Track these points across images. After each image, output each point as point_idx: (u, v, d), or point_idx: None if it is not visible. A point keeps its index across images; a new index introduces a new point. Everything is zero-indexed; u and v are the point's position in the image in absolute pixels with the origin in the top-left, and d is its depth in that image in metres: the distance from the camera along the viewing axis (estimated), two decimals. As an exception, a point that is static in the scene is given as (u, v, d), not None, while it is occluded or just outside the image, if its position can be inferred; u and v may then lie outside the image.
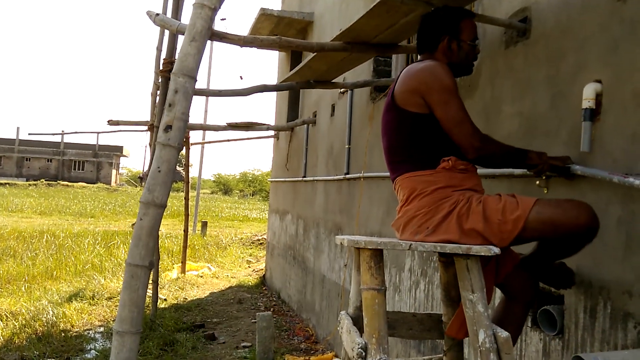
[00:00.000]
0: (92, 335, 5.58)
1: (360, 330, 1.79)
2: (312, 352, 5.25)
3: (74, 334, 5.57)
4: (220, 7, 1.68)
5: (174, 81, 1.62)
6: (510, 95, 2.66)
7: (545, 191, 2.35)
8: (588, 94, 2.09)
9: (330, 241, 5.59)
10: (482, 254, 1.70)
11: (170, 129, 1.60)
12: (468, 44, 2.01)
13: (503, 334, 1.71)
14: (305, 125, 6.77)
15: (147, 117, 7.01)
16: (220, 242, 13.06)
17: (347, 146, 5.09)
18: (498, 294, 2.15)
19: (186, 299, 7.41)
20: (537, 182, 2.38)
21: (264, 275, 9.19)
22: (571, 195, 2.20)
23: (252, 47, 3.03)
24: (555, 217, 1.70)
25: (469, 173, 1.89)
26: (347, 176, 5.03)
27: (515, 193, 1.87)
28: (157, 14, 3.08)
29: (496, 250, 1.70)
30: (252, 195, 62.46)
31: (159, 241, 8.75)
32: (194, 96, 1.71)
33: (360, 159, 4.74)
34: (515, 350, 2.44)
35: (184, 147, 8.75)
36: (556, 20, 2.38)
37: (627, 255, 1.88)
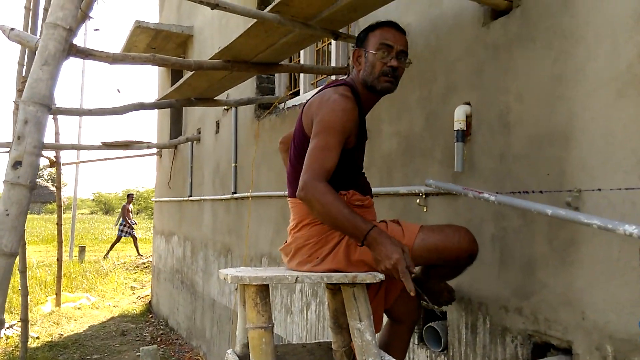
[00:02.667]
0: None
1: (249, 370, 1.69)
2: (203, 380, 5.02)
3: None
4: (77, 28, 1.51)
5: (23, 110, 1.42)
6: (388, 115, 2.72)
7: (425, 209, 2.42)
8: (459, 115, 2.18)
9: (219, 263, 5.40)
10: (368, 281, 1.68)
11: (19, 165, 1.39)
12: (372, 54, 1.82)
13: None
14: (190, 142, 6.52)
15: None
16: (100, 269, 12.19)
17: (233, 164, 4.97)
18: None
19: (62, 335, 6.77)
20: (417, 201, 2.44)
21: (150, 302, 8.69)
22: (448, 213, 2.28)
23: (123, 64, 2.83)
24: (439, 244, 1.73)
25: (365, 209, 1.85)
26: (235, 195, 4.90)
27: (399, 219, 1.88)
28: (12, 29, 2.77)
29: (381, 276, 1.68)
30: (136, 214, 59.54)
31: (29, 272, 7.97)
32: (65, 115, 1.51)
33: (248, 178, 4.64)
34: (404, 368, 2.47)
35: (55, 168, 8.05)
36: (426, 42, 2.47)
37: (502, 272, 1.97)
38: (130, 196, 16.00)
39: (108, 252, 14.78)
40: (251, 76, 4.08)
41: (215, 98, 4.21)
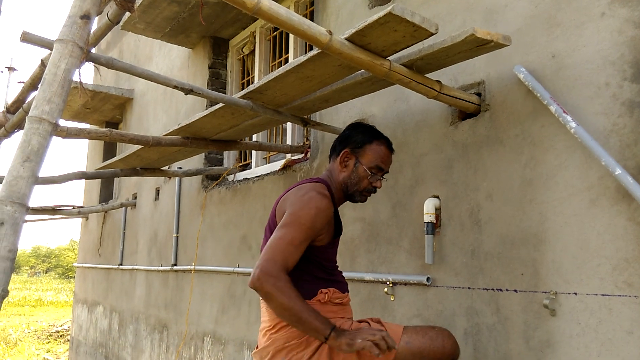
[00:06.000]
0: None
1: None
2: None
3: None
4: (59, 121, 1.43)
5: (-2, 209, 1.29)
6: (351, 199, 2.75)
7: (392, 298, 2.42)
8: (428, 208, 2.24)
9: (152, 339, 5.08)
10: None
11: (-11, 269, 1.26)
12: (364, 169, 1.86)
13: None
14: (124, 207, 6.24)
15: None
16: (8, 337, 11.11)
17: (175, 235, 4.78)
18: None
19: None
20: (385, 290, 2.44)
21: (65, 376, 7.98)
22: (417, 304, 2.29)
23: (77, 138, 2.71)
24: (424, 347, 1.72)
25: (344, 307, 1.84)
26: (175, 267, 4.69)
27: (380, 318, 1.86)
28: None
29: (367, 383, 1.64)
30: (46, 273, 55.89)
31: None
32: None
33: (191, 250, 4.47)
34: None
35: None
36: (392, 134, 2.53)
37: (476, 367, 1.99)
38: None
39: None
40: (206, 150, 4.03)
41: (162, 168, 4.11)
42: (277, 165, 3.64)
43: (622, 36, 1.67)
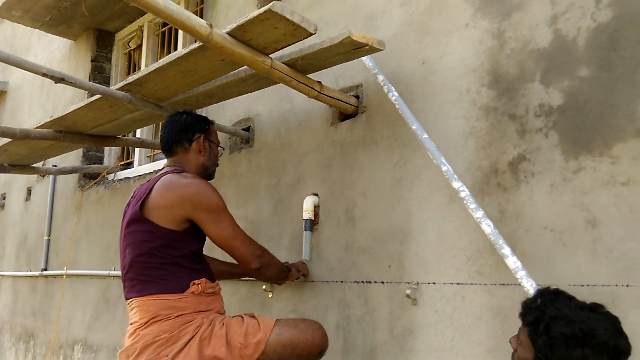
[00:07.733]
0: None
1: None
2: None
3: None
4: None
5: None
6: (235, 198, 2.74)
7: (270, 295, 2.44)
8: (307, 205, 2.29)
9: (17, 349, 4.66)
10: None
11: None
12: (216, 147, 2.08)
13: None
14: (-11, 208, 5.70)
15: None
16: None
17: (46, 237, 4.45)
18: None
19: None
20: (264, 287, 2.45)
21: None
22: (293, 299, 2.33)
23: None
24: (294, 339, 1.75)
25: (215, 296, 1.83)
26: (45, 272, 4.36)
27: (254, 312, 1.87)
28: None
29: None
30: None
31: None
32: None
33: (64, 254, 4.18)
34: None
35: None
36: (276, 134, 2.59)
37: (345, 359, 2.05)
38: None
39: None
40: (83, 146, 3.81)
41: (34, 165, 3.82)
42: (162, 163, 3.53)
43: (483, 46, 1.83)
